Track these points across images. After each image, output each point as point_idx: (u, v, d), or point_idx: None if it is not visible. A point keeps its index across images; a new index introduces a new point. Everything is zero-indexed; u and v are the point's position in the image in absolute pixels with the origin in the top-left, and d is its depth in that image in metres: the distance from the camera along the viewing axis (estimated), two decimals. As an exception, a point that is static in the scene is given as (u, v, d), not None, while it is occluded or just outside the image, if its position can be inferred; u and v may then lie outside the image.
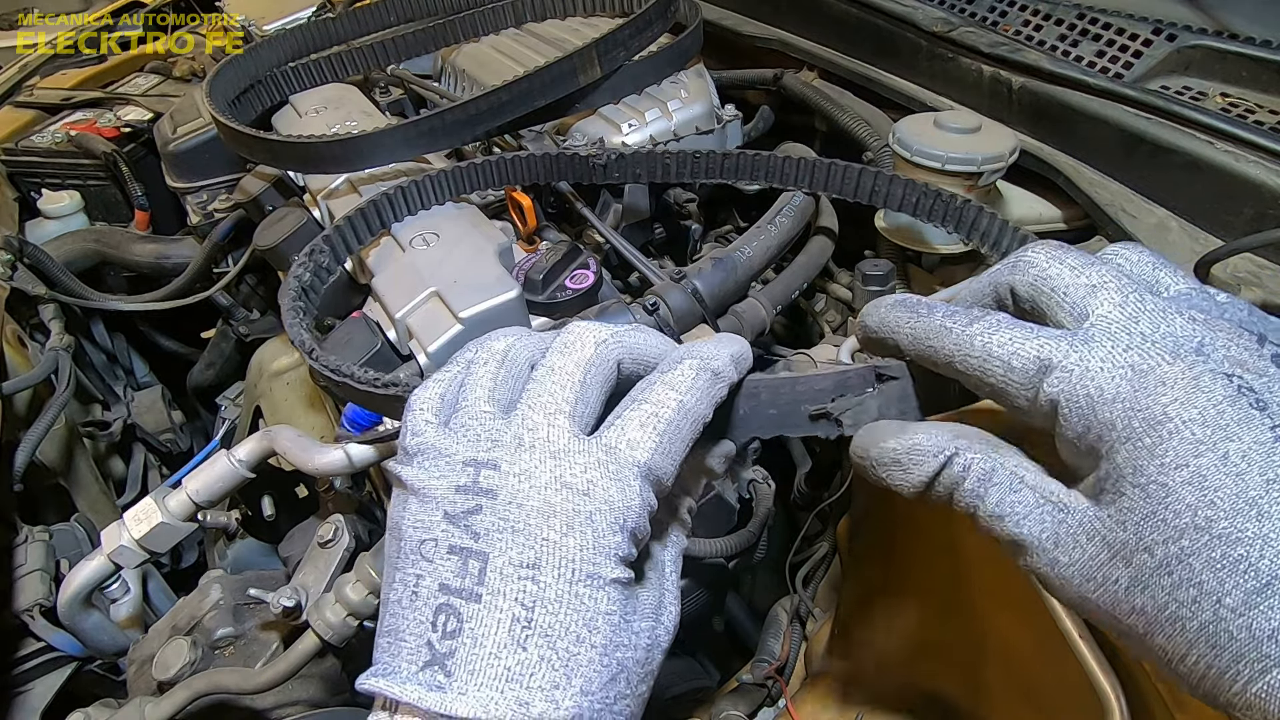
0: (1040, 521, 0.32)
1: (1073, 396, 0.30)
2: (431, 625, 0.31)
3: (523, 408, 0.34)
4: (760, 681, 0.86)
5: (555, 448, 0.33)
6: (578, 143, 0.84)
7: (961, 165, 0.73)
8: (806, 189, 0.74)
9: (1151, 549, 0.29)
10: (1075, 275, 0.33)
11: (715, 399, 0.36)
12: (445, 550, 0.32)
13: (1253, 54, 0.73)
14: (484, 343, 0.37)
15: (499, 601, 0.31)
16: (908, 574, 0.69)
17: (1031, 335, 0.32)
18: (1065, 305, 0.33)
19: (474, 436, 0.33)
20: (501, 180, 0.76)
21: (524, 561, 0.31)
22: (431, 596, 0.32)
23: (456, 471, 0.33)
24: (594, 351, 0.35)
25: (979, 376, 0.33)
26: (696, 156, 0.76)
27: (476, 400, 0.35)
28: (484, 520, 0.32)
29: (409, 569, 0.32)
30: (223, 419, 1.34)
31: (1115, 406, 0.30)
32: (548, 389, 0.34)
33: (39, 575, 0.85)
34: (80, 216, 1.29)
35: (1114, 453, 0.30)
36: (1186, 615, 0.28)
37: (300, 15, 1.41)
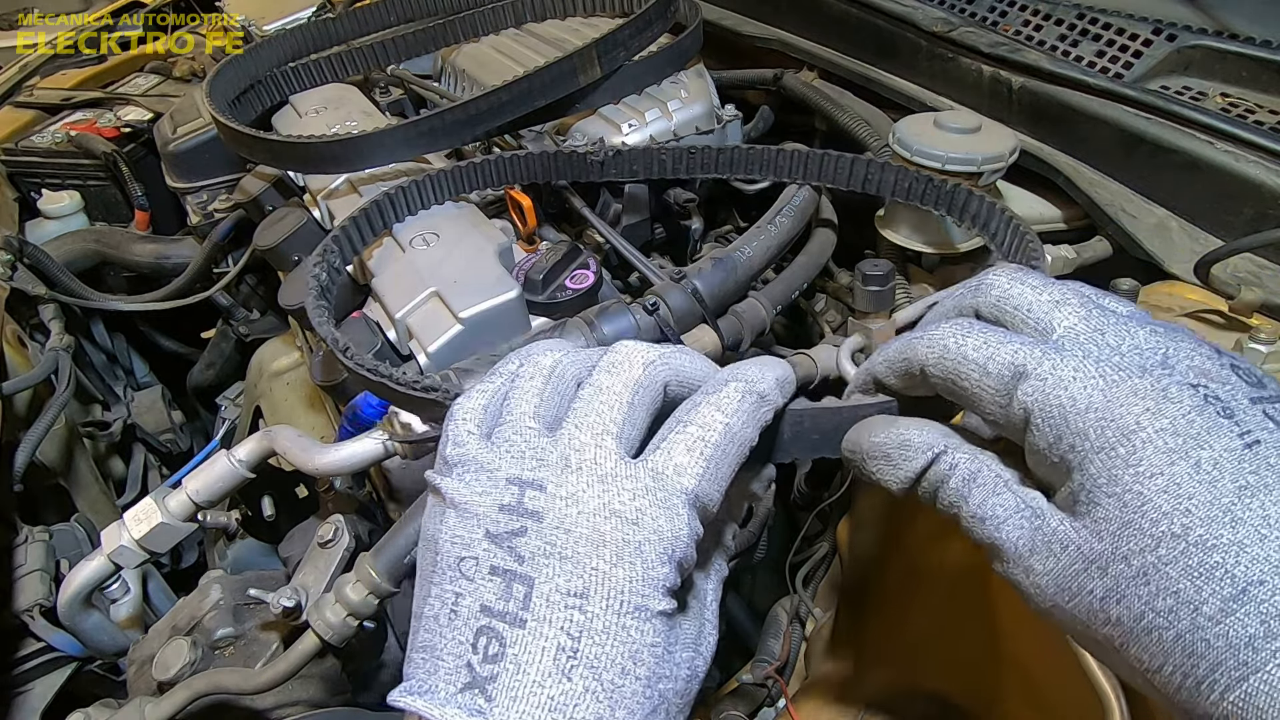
0: (1019, 527, 0.32)
1: (1046, 405, 0.31)
2: (472, 647, 0.31)
3: (569, 427, 0.33)
4: (760, 681, 0.86)
5: (603, 471, 0.32)
6: (577, 142, 0.84)
7: (961, 165, 0.73)
8: (802, 180, 0.74)
9: (1129, 558, 0.29)
10: (1037, 293, 0.34)
11: (761, 422, 0.36)
12: (487, 570, 0.31)
13: (1253, 54, 0.73)
14: (530, 355, 0.37)
15: (544, 629, 0.30)
16: (908, 574, 0.69)
17: (1006, 340, 0.32)
18: (1030, 321, 0.34)
19: (518, 453, 0.33)
20: (501, 179, 0.76)
21: (571, 590, 0.31)
22: (473, 617, 0.31)
23: (500, 489, 0.32)
24: (642, 373, 0.35)
25: (954, 380, 0.33)
26: (693, 152, 0.76)
27: (521, 415, 0.34)
28: (529, 544, 0.31)
29: (447, 585, 0.32)
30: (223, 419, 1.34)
31: (1088, 416, 0.30)
32: (595, 409, 0.34)
33: (39, 575, 0.85)
34: (80, 216, 1.29)
35: (1087, 463, 0.30)
36: (1163, 625, 0.28)
37: (300, 15, 1.41)
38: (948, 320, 0.35)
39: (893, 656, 0.74)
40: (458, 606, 0.31)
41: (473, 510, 0.32)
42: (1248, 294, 0.60)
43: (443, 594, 0.32)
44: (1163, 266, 0.68)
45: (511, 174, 0.76)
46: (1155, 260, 0.69)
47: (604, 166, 0.77)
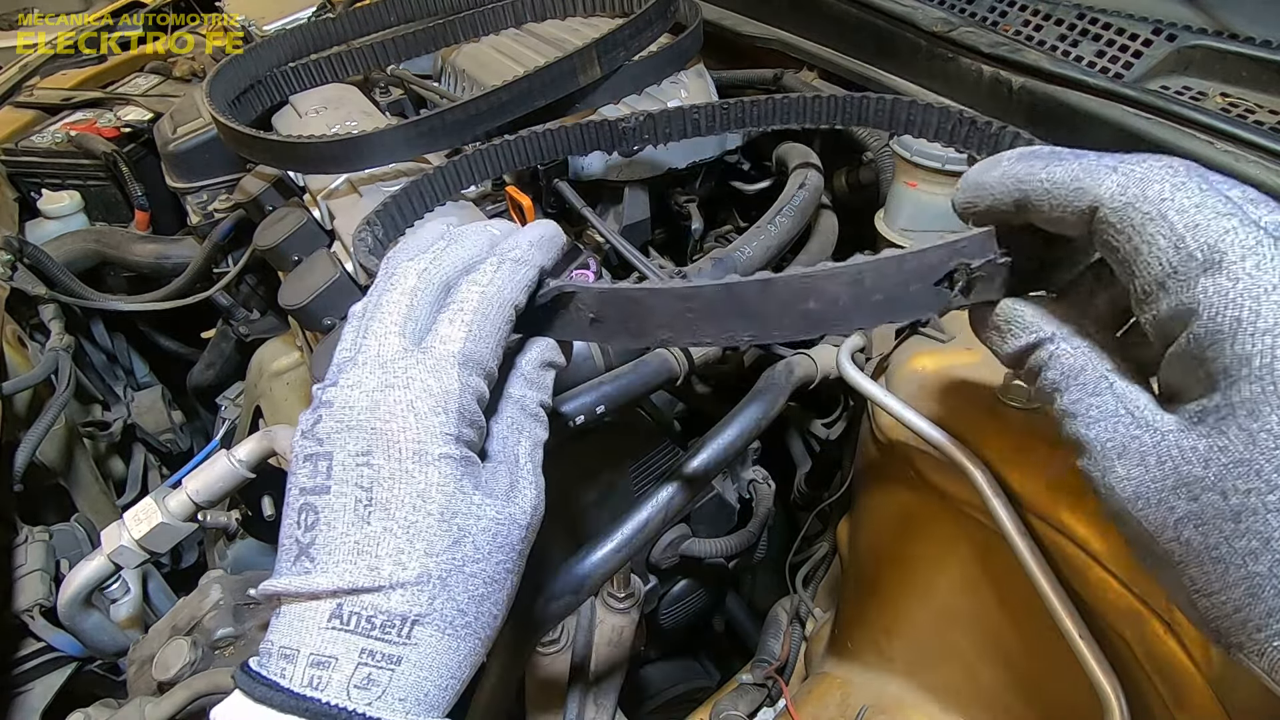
0: (1112, 430, 0.31)
1: (1222, 313, 0.27)
2: (297, 524, 0.36)
3: (360, 340, 0.39)
4: (760, 681, 0.87)
5: (383, 359, 0.37)
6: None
7: (961, 165, 0.73)
8: (839, 125, 0.75)
9: (1227, 494, 0.28)
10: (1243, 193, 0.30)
11: (523, 283, 0.40)
12: (301, 460, 0.36)
13: (1253, 54, 0.73)
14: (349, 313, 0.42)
15: (343, 489, 0.35)
16: (908, 574, 0.69)
17: (1218, 202, 0.28)
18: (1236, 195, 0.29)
19: (331, 374, 0.38)
20: (539, 155, 0.78)
21: (359, 450, 0.35)
22: (295, 501, 0.36)
23: (314, 399, 0.38)
24: (416, 280, 0.39)
25: (1129, 236, 0.29)
26: (725, 108, 0.77)
27: (340, 351, 0.39)
28: (324, 426, 0.36)
29: (286, 491, 0.37)
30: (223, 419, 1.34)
31: (1264, 339, 0.26)
32: (378, 316, 0.39)
33: (39, 575, 0.85)
34: (80, 216, 1.29)
35: (1234, 389, 0.27)
36: (1236, 562, 0.28)
37: (300, 15, 1.41)
38: (1146, 159, 0.30)
39: (893, 656, 0.74)
40: (289, 499, 0.37)
41: (300, 421, 0.38)
42: (1248, 294, 0.60)
43: (286, 498, 0.37)
44: (1163, 266, 0.68)
45: (547, 149, 0.78)
46: (1155, 260, 0.69)
47: (636, 132, 0.77)
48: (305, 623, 0.34)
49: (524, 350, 0.44)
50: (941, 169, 0.73)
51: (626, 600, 0.73)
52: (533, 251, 0.41)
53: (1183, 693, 0.48)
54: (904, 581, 0.70)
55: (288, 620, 0.35)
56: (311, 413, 0.37)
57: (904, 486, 0.64)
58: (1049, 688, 0.58)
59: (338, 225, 0.80)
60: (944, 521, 0.61)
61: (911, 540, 0.67)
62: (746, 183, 0.99)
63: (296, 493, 0.36)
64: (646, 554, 0.82)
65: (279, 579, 0.35)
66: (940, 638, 0.68)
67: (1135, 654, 0.49)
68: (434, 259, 0.40)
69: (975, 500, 0.52)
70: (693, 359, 0.66)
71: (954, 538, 0.61)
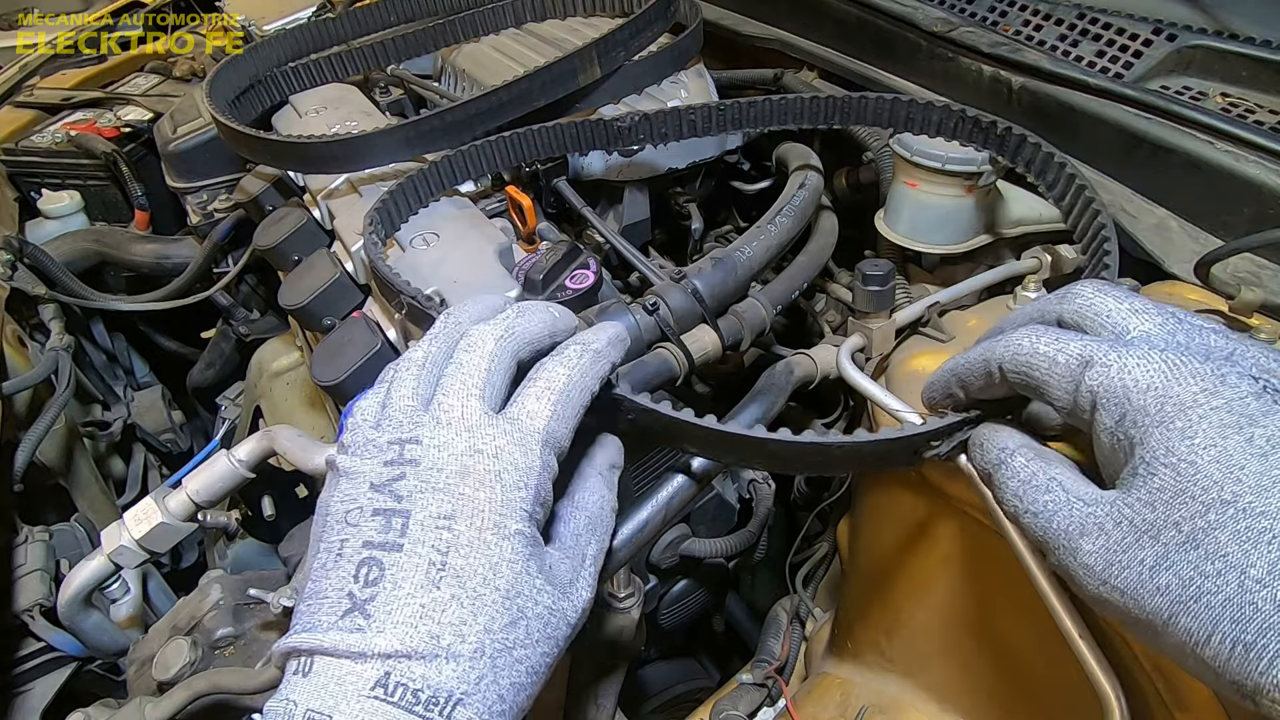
0: (1069, 517, 0.35)
1: (1110, 387, 0.33)
2: (354, 578, 0.34)
3: (438, 396, 0.39)
4: (760, 681, 0.86)
5: (469, 423, 0.37)
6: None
7: (961, 165, 0.73)
8: (838, 125, 0.76)
9: (1179, 524, 0.31)
10: (1119, 303, 0.37)
11: (599, 374, 0.42)
12: (370, 513, 0.35)
13: (1253, 54, 0.73)
14: (405, 354, 0.42)
15: (418, 549, 0.34)
16: (908, 574, 0.69)
17: (1075, 338, 0.36)
18: (1108, 325, 0.37)
19: (397, 424, 0.38)
20: (530, 153, 0.78)
21: (441, 514, 0.35)
22: (355, 554, 0.35)
23: (383, 450, 0.37)
24: (494, 346, 0.40)
25: (1026, 372, 0.37)
26: (721, 109, 0.77)
27: (400, 398, 0.39)
28: (407, 484, 0.36)
29: (334, 537, 0.36)
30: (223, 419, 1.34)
31: (1149, 394, 0.32)
32: (459, 378, 0.39)
33: (39, 575, 0.85)
34: (80, 216, 1.29)
35: (1148, 437, 0.32)
36: (1211, 589, 0.29)
37: (300, 15, 1.41)
38: (1026, 324, 0.39)
39: (893, 656, 0.74)
40: (343, 550, 0.35)
41: (359, 471, 0.37)
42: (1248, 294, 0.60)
43: (329, 544, 0.36)
44: (1163, 266, 0.68)
45: (543, 146, 0.78)
46: (1155, 260, 0.69)
47: (632, 131, 0.77)
48: (344, 688, 0.32)
49: (600, 448, 0.45)
50: (942, 169, 0.73)
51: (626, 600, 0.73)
52: (610, 349, 0.43)
53: (1183, 693, 0.48)
54: (904, 581, 0.70)
55: (322, 681, 0.32)
56: (389, 466, 0.36)
57: (904, 486, 0.64)
58: (1049, 688, 0.58)
59: (338, 225, 0.80)
60: (944, 522, 0.61)
61: (911, 540, 0.67)
62: (746, 183, 0.99)
63: (358, 544, 0.35)
64: (646, 554, 0.82)
65: (322, 633, 0.33)
66: (940, 638, 0.68)
67: (1135, 654, 0.49)
68: (508, 328, 0.41)
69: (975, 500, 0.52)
70: (692, 359, 0.66)
71: (954, 538, 0.61)
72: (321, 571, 0.35)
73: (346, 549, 0.35)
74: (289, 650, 0.34)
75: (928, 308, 0.70)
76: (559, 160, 0.84)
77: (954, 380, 0.43)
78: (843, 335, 0.71)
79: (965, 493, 0.54)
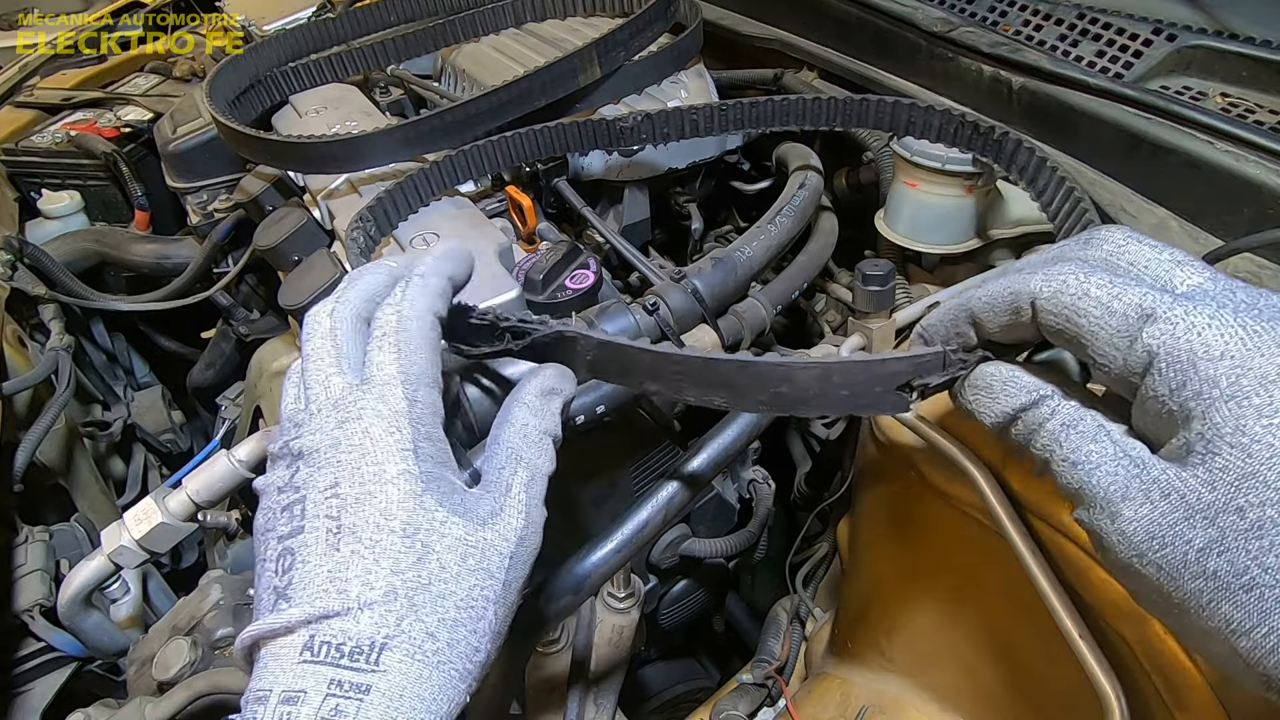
0: (1113, 474, 0.32)
1: (1174, 349, 0.29)
2: (275, 572, 0.36)
3: (305, 390, 0.40)
4: (760, 681, 0.87)
5: (333, 399, 0.38)
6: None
7: (961, 165, 0.73)
8: (838, 127, 0.75)
9: (1244, 510, 0.28)
10: (1156, 252, 0.33)
11: (434, 292, 0.42)
12: (279, 512, 0.37)
13: (1253, 54, 0.73)
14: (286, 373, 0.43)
15: (315, 523, 0.36)
16: (908, 574, 0.69)
17: (1135, 286, 0.31)
18: (1149, 276, 0.32)
19: (285, 430, 0.39)
20: (530, 153, 0.78)
21: (327, 485, 0.36)
22: (274, 553, 0.36)
23: (281, 458, 0.39)
24: (329, 321, 0.40)
25: (1070, 316, 0.32)
26: (723, 109, 0.76)
27: (286, 407, 0.40)
28: (300, 475, 0.37)
29: (261, 549, 0.37)
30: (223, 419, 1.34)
31: (1222, 363, 0.29)
32: (311, 365, 0.40)
33: (39, 575, 0.85)
34: (80, 216, 1.29)
35: (1213, 411, 0.29)
36: (1269, 582, 0.28)
37: (300, 15, 1.41)
38: (1066, 260, 0.33)
39: (893, 656, 0.74)
40: (266, 554, 0.37)
41: (268, 484, 0.39)
42: (1248, 294, 0.60)
43: (259, 557, 0.37)
44: (1163, 266, 0.68)
45: (544, 146, 0.78)
46: (1155, 260, 0.69)
47: (634, 131, 0.77)
48: (280, 661, 0.33)
49: (526, 378, 0.45)
50: (942, 169, 0.73)
51: (626, 600, 0.73)
52: (437, 264, 0.43)
53: (1183, 693, 0.48)
54: (904, 582, 0.70)
55: (264, 663, 0.34)
56: (286, 469, 0.38)
57: (904, 487, 0.64)
58: (1049, 688, 0.58)
59: (338, 225, 0.80)
60: (944, 522, 0.61)
61: (911, 541, 0.67)
62: (746, 183, 0.99)
63: (275, 543, 0.36)
64: (646, 554, 0.82)
65: (254, 625, 0.35)
66: (940, 638, 0.68)
67: (1135, 654, 0.49)
68: (338, 298, 0.42)
69: (975, 501, 0.52)
70: (693, 359, 0.66)
71: (954, 538, 0.61)
72: (257, 582, 0.37)
73: (268, 552, 0.37)
74: (243, 653, 0.36)
75: (928, 308, 0.70)
76: (559, 160, 0.84)
77: (965, 315, 0.37)
78: (843, 335, 0.71)
79: (965, 493, 0.54)
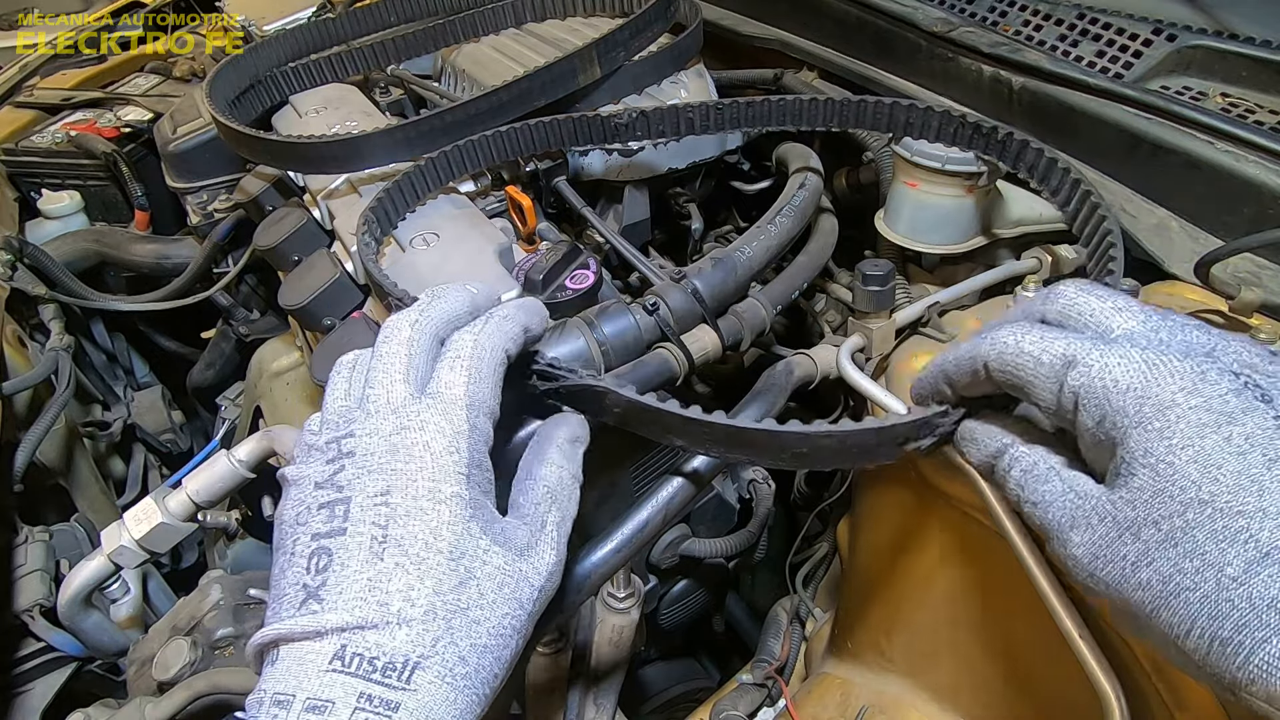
0: (1062, 508, 0.36)
1: (1090, 388, 0.33)
2: (306, 570, 0.35)
3: (365, 390, 0.40)
4: (760, 681, 0.86)
5: (395, 406, 0.39)
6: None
7: (961, 165, 0.73)
8: (837, 128, 0.75)
9: (1159, 523, 0.31)
10: (1102, 302, 0.37)
11: (508, 334, 0.43)
12: (316, 508, 0.37)
13: (1253, 54, 0.73)
14: (335, 365, 0.44)
15: (360, 528, 0.35)
16: (908, 574, 0.69)
17: (1060, 337, 0.36)
18: (1091, 324, 0.37)
19: (334, 425, 0.39)
20: (526, 147, 0.78)
21: (378, 491, 0.36)
22: (305, 549, 0.36)
23: (323, 451, 0.38)
24: (410, 331, 0.41)
25: (1012, 372, 0.37)
26: (720, 108, 0.76)
27: (334, 400, 0.41)
28: (346, 475, 0.37)
29: (287, 540, 0.37)
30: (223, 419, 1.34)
31: (1128, 395, 0.32)
32: (379, 369, 0.40)
33: (39, 575, 0.85)
34: (80, 216, 1.29)
35: (1127, 438, 0.32)
36: (1190, 586, 0.30)
37: (300, 15, 1.41)
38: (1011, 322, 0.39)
39: (893, 656, 0.74)
40: (294, 548, 0.36)
41: (304, 475, 0.38)
42: (1248, 294, 0.60)
43: (284, 548, 0.37)
44: (1163, 266, 0.68)
45: (538, 140, 0.78)
46: (1155, 260, 0.69)
47: (629, 128, 0.77)
48: (305, 666, 0.33)
49: (558, 424, 0.46)
50: (942, 169, 0.73)
51: (626, 600, 0.73)
52: (516, 312, 0.44)
53: (1183, 693, 0.48)
54: (904, 581, 0.70)
55: (285, 665, 0.33)
56: (328, 464, 0.38)
57: (904, 486, 0.64)
58: (1049, 688, 0.58)
59: (338, 225, 0.80)
60: (944, 522, 0.61)
61: (911, 540, 0.67)
62: (746, 183, 0.99)
63: (308, 539, 0.36)
64: (646, 554, 0.82)
65: (280, 623, 0.34)
66: (940, 638, 0.68)
67: (1135, 654, 0.49)
68: (422, 311, 0.42)
69: (975, 500, 0.52)
70: (692, 359, 0.66)
71: (954, 538, 0.61)
72: (279, 574, 0.36)
73: (298, 547, 0.36)
74: (258, 648, 0.35)
75: (928, 308, 0.70)
76: (559, 160, 0.84)
77: (941, 377, 0.43)
78: (843, 335, 0.71)
79: (965, 493, 0.54)
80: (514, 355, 0.43)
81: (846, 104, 0.73)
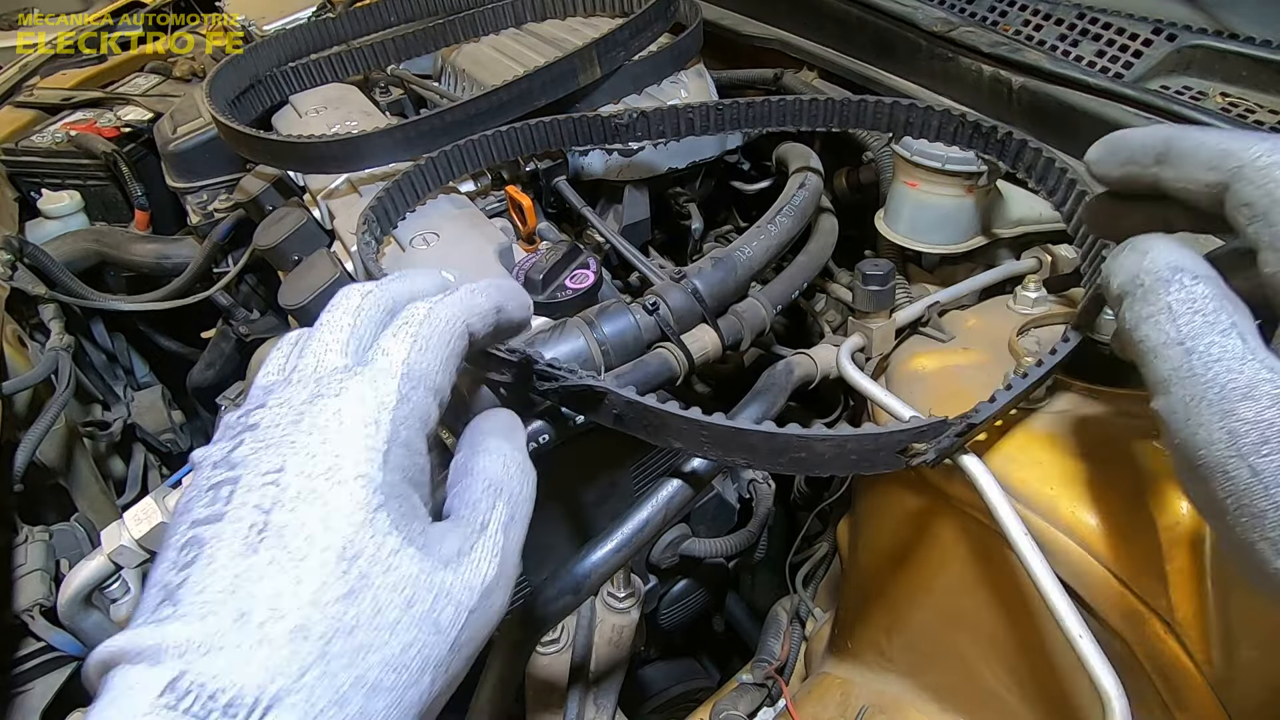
0: (1240, 372, 0.30)
1: None
2: (174, 564, 0.28)
3: (297, 360, 0.34)
4: (760, 681, 0.86)
5: (320, 374, 0.32)
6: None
7: (961, 165, 0.73)
8: (837, 128, 0.75)
9: None
10: None
11: (477, 309, 0.37)
12: (205, 490, 0.29)
13: (1253, 54, 0.73)
14: (278, 342, 0.38)
15: (240, 513, 0.28)
16: (908, 574, 0.69)
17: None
18: None
19: (254, 398, 0.33)
20: (525, 147, 0.78)
21: (270, 469, 0.29)
22: (179, 539, 0.28)
23: (231, 428, 0.31)
24: (360, 300, 0.36)
25: (1267, 192, 0.31)
26: (720, 108, 0.76)
27: (264, 374, 0.35)
28: (241, 450, 0.30)
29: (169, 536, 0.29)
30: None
31: None
32: (318, 337, 0.34)
33: (39, 575, 0.84)
34: (80, 216, 1.29)
35: None
36: None
37: (300, 15, 1.41)
38: None
39: (893, 656, 0.74)
40: (169, 540, 0.29)
41: (206, 456, 0.31)
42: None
43: (164, 543, 0.29)
44: (1163, 266, 0.68)
45: (538, 140, 0.78)
46: (1155, 260, 0.69)
47: (630, 128, 0.77)
48: (131, 698, 0.24)
49: (487, 417, 0.39)
50: (942, 169, 0.73)
51: (626, 600, 0.73)
52: (488, 286, 0.38)
53: (1183, 693, 0.48)
54: (904, 581, 0.70)
55: (110, 697, 0.25)
56: (229, 440, 0.30)
57: (904, 486, 0.64)
58: (1049, 688, 0.58)
59: (338, 225, 0.80)
60: (944, 521, 0.61)
61: (911, 540, 0.67)
62: (746, 183, 0.99)
63: (185, 528, 0.28)
64: (646, 554, 0.82)
65: (125, 633, 0.26)
66: (940, 637, 0.68)
67: (1135, 654, 0.49)
68: (380, 284, 0.37)
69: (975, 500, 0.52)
70: (692, 359, 0.66)
71: (954, 538, 0.61)
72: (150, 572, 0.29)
73: (173, 538, 0.29)
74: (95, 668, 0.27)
75: (928, 308, 0.70)
76: (559, 160, 0.84)
77: (1158, 150, 0.35)
78: (843, 335, 0.71)
79: (965, 493, 0.54)
80: (480, 334, 0.37)
81: (846, 104, 0.73)
